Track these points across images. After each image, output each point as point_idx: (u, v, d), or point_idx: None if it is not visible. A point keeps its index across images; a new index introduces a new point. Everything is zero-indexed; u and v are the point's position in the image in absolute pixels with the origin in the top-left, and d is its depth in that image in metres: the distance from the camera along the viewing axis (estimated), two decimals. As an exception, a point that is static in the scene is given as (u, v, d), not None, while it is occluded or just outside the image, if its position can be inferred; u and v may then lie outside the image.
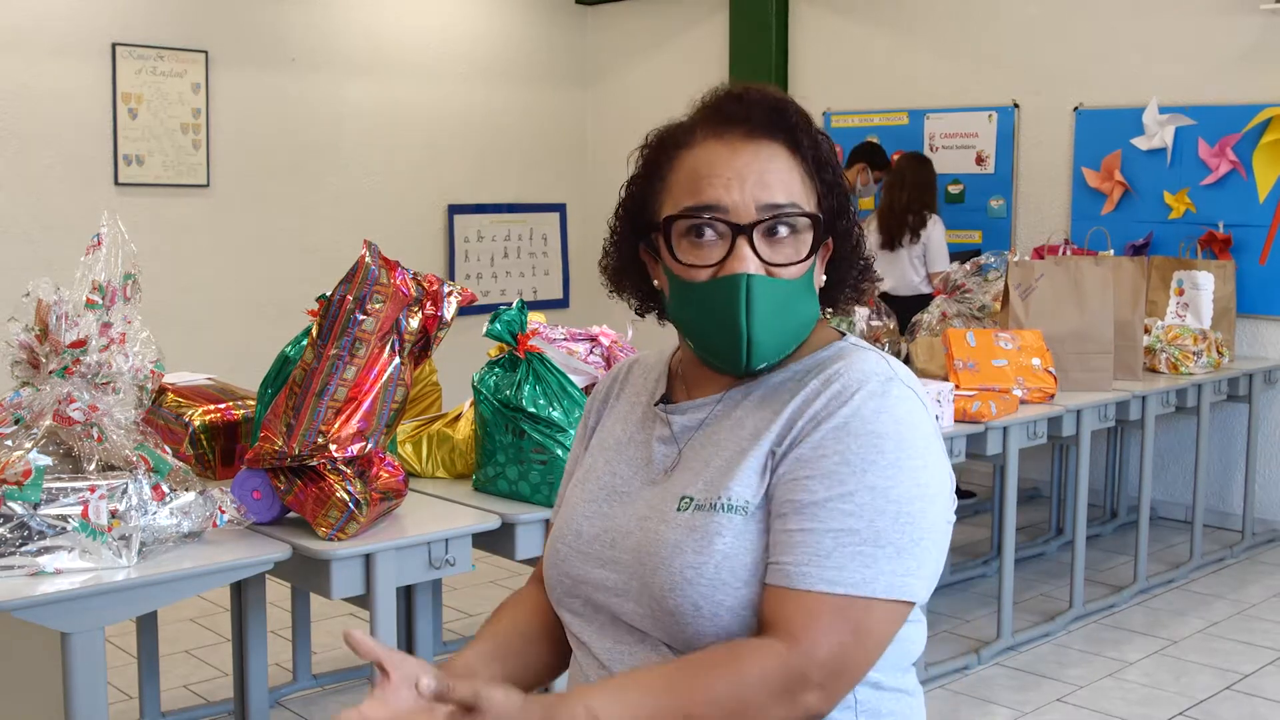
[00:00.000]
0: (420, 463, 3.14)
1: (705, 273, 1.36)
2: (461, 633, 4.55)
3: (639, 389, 1.54)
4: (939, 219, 6.20)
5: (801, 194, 1.37)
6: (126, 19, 6.43)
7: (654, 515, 1.37)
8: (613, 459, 1.48)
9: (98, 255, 2.41)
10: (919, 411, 1.34)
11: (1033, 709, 3.90)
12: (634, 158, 1.46)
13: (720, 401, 1.43)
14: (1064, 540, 5.60)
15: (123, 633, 4.20)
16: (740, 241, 1.34)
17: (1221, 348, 5.39)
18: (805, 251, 1.36)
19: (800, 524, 1.28)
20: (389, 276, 2.54)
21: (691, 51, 7.97)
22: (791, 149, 1.38)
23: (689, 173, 1.38)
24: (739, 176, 1.35)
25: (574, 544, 1.44)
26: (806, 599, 1.25)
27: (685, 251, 1.37)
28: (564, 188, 8.42)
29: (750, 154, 1.36)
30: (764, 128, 1.37)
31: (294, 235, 7.13)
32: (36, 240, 6.20)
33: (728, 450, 1.37)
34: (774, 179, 1.35)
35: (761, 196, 1.35)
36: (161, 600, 2.43)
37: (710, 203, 1.35)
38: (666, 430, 1.45)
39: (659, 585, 1.32)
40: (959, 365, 4.26)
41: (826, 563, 1.26)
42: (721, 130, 1.38)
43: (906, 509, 1.28)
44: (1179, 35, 6.06)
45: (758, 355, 1.37)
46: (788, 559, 1.27)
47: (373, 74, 7.41)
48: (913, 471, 1.29)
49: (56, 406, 2.35)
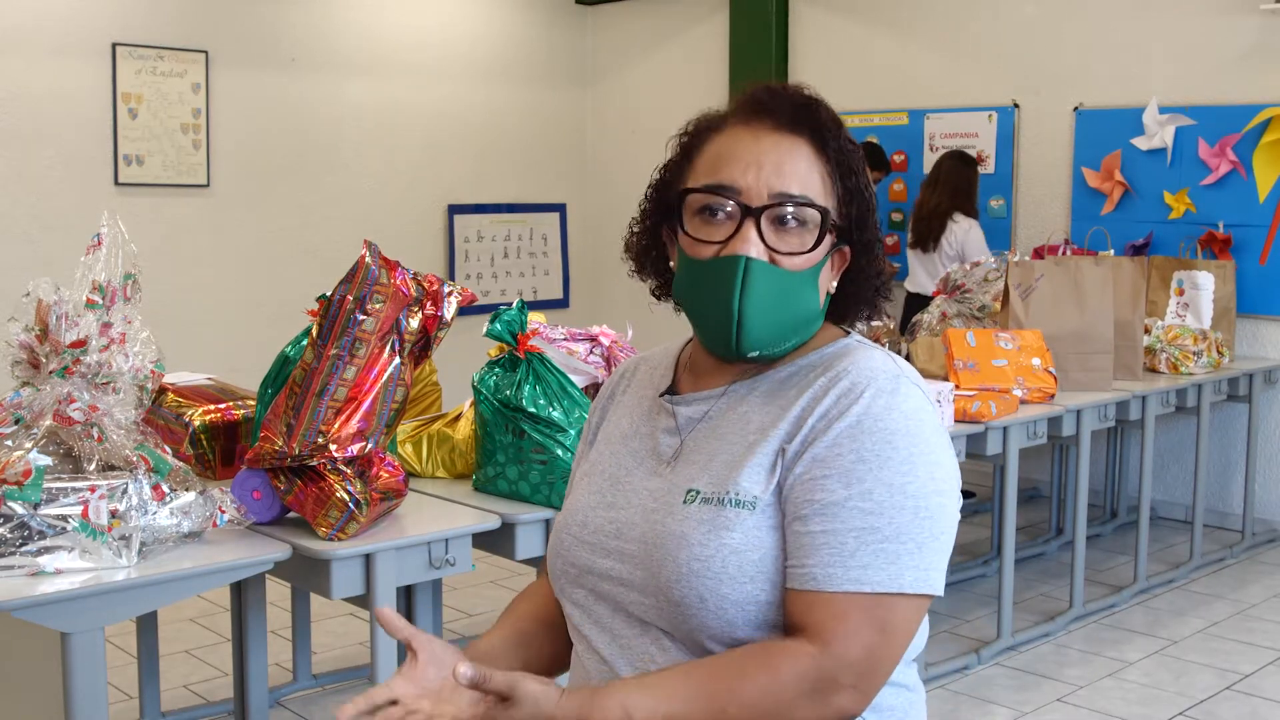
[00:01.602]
0: (420, 463, 3.14)
1: (710, 250, 1.39)
2: (462, 633, 4.55)
3: (645, 383, 1.56)
4: (975, 222, 6.13)
5: (819, 191, 1.39)
6: (126, 19, 6.43)
7: (660, 507, 1.38)
8: (618, 451, 1.49)
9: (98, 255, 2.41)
10: (928, 408, 1.35)
11: (1033, 709, 3.90)
12: (671, 143, 1.49)
13: (725, 394, 1.44)
14: (1064, 540, 5.60)
15: (123, 633, 4.20)
16: (747, 223, 1.37)
17: (1221, 348, 5.39)
18: (811, 243, 1.37)
19: (821, 525, 1.29)
20: (389, 276, 2.54)
21: (691, 51, 7.97)
22: (816, 148, 1.40)
23: (713, 154, 1.41)
24: (757, 162, 1.38)
25: (580, 534, 1.44)
26: (834, 600, 1.26)
27: (696, 227, 1.40)
28: (564, 188, 8.42)
29: (773, 143, 1.39)
30: (791, 122, 1.40)
31: (294, 235, 7.13)
32: (36, 240, 6.20)
33: (734, 444, 1.38)
34: (791, 170, 1.38)
35: (776, 184, 1.37)
36: (161, 600, 2.43)
37: (726, 182, 1.38)
38: (671, 421, 1.46)
39: (665, 576, 1.33)
40: (959, 365, 4.26)
41: (851, 562, 1.27)
42: (750, 119, 1.41)
43: (923, 504, 1.30)
44: (1179, 35, 6.06)
45: (747, 339, 1.38)
46: (811, 561, 1.28)
47: (373, 74, 7.41)
48: (927, 467, 1.31)
49: (56, 406, 2.35)
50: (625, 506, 1.42)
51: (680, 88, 7.88)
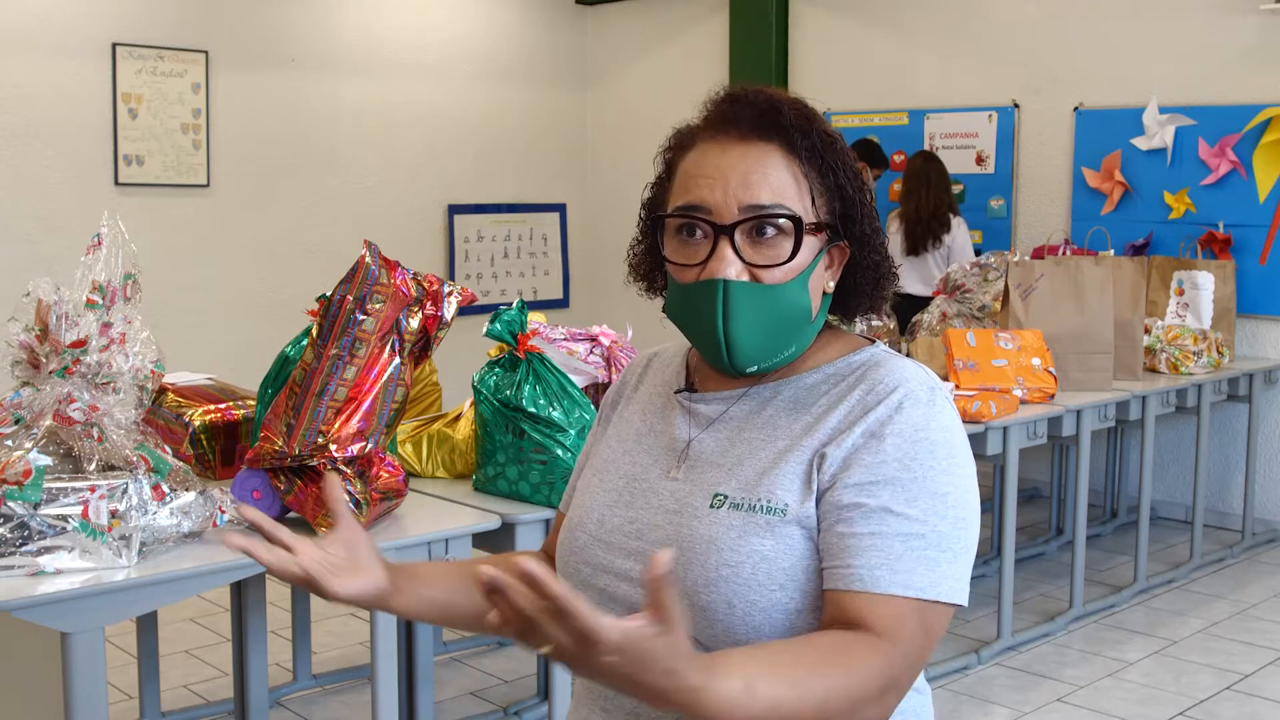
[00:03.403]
0: (420, 463, 3.14)
1: (691, 273, 1.37)
2: (462, 633, 4.55)
3: (658, 380, 1.54)
4: (962, 220, 6.19)
5: (794, 196, 1.36)
6: (126, 19, 6.43)
7: (684, 510, 1.37)
8: (632, 449, 1.48)
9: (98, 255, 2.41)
10: (959, 420, 1.37)
11: (1033, 709, 3.90)
12: (657, 161, 1.48)
13: (744, 396, 1.43)
14: (1064, 540, 5.60)
15: (123, 633, 4.20)
16: (722, 242, 1.35)
17: (1221, 348, 5.39)
18: (789, 253, 1.35)
19: (869, 528, 1.28)
20: (389, 276, 2.54)
21: (691, 51, 7.98)
22: (786, 151, 1.37)
23: (685, 173, 1.40)
24: (723, 177, 1.35)
25: (596, 532, 1.42)
26: (891, 602, 1.26)
27: (674, 250, 1.39)
28: (564, 188, 8.42)
29: (739, 155, 1.36)
30: (757, 130, 1.37)
31: (294, 235, 7.13)
32: (36, 240, 6.20)
33: (763, 451, 1.37)
34: (759, 180, 1.35)
35: (744, 197, 1.35)
36: (161, 600, 2.43)
37: (695, 203, 1.36)
38: (687, 419, 1.45)
39: (692, 581, 1.32)
40: (959, 365, 4.26)
41: (898, 566, 1.27)
42: (717, 133, 1.39)
43: (960, 514, 1.31)
44: (1179, 35, 6.06)
45: (740, 358, 1.37)
46: (858, 562, 1.27)
47: (372, 74, 7.41)
48: (963, 479, 1.32)
49: (56, 406, 2.35)
50: (644, 507, 1.41)
51: (680, 88, 7.88)
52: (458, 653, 4.38)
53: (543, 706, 3.85)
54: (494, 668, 4.27)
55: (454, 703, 3.97)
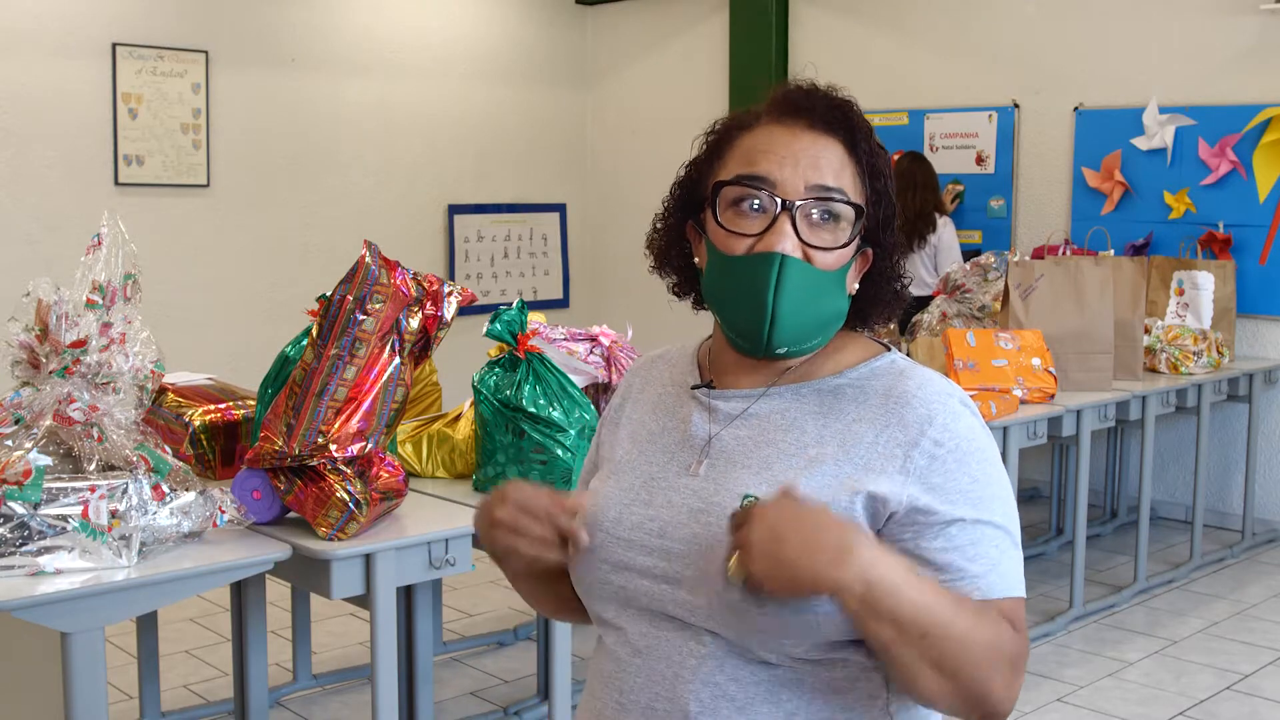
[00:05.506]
0: (420, 463, 3.14)
1: (744, 244, 1.39)
2: (462, 633, 4.55)
3: (667, 380, 1.54)
4: (949, 219, 6.21)
5: (852, 190, 1.40)
6: (126, 19, 6.43)
7: (709, 509, 1.36)
8: (647, 449, 1.48)
9: (98, 255, 2.42)
10: None
11: (1033, 709, 3.90)
12: (698, 142, 1.49)
13: (765, 395, 1.43)
14: (1064, 540, 5.60)
15: (123, 633, 4.20)
16: (783, 217, 1.37)
17: (1221, 348, 5.39)
18: (844, 239, 1.39)
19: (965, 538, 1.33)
20: (389, 276, 2.54)
21: (691, 51, 7.97)
22: (848, 148, 1.41)
23: (746, 149, 1.42)
24: (794, 156, 1.39)
25: (614, 530, 1.42)
26: (1003, 605, 1.32)
27: (729, 219, 1.40)
28: (564, 188, 8.42)
29: (808, 140, 1.40)
30: (825, 122, 1.41)
31: (294, 235, 7.13)
32: (36, 240, 6.20)
33: (791, 455, 1.37)
34: (827, 165, 1.39)
35: (812, 178, 1.38)
36: (161, 600, 2.43)
37: (762, 174, 1.38)
38: (706, 415, 1.45)
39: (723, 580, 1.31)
40: (959, 365, 4.26)
41: (998, 568, 1.33)
42: (784, 117, 1.42)
43: (1014, 513, 1.38)
44: (1179, 35, 6.06)
45: (779, 336, 1.38)
46: (975, 569, 1.32)
47: (373, 74, 7.41)
48: (1006, 483, 1.39)
49: (56, 406, 2.35)
50: (665, 505, 1.40)
51: (680, 88, 7.88)
52: (458, 653, 4.38)
53: (543, 707, 3.85)
54: (494, 668, 4.27)
55: (454, 703, 3.97)
